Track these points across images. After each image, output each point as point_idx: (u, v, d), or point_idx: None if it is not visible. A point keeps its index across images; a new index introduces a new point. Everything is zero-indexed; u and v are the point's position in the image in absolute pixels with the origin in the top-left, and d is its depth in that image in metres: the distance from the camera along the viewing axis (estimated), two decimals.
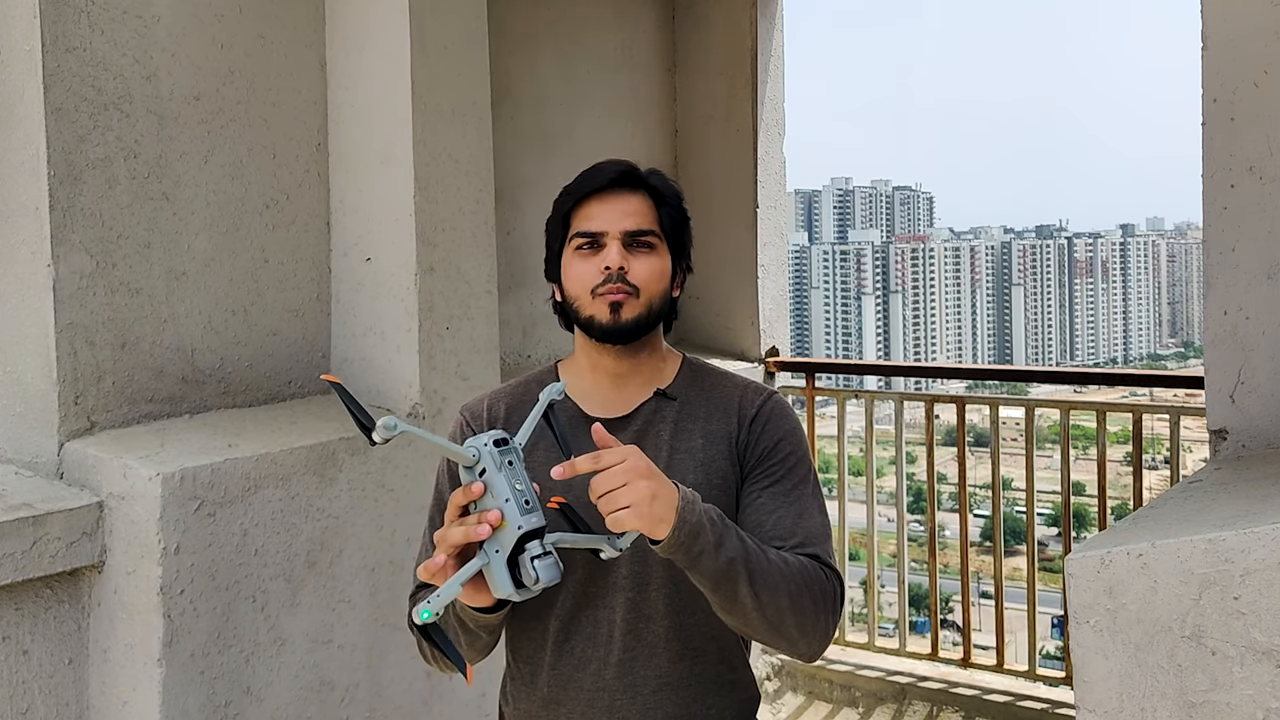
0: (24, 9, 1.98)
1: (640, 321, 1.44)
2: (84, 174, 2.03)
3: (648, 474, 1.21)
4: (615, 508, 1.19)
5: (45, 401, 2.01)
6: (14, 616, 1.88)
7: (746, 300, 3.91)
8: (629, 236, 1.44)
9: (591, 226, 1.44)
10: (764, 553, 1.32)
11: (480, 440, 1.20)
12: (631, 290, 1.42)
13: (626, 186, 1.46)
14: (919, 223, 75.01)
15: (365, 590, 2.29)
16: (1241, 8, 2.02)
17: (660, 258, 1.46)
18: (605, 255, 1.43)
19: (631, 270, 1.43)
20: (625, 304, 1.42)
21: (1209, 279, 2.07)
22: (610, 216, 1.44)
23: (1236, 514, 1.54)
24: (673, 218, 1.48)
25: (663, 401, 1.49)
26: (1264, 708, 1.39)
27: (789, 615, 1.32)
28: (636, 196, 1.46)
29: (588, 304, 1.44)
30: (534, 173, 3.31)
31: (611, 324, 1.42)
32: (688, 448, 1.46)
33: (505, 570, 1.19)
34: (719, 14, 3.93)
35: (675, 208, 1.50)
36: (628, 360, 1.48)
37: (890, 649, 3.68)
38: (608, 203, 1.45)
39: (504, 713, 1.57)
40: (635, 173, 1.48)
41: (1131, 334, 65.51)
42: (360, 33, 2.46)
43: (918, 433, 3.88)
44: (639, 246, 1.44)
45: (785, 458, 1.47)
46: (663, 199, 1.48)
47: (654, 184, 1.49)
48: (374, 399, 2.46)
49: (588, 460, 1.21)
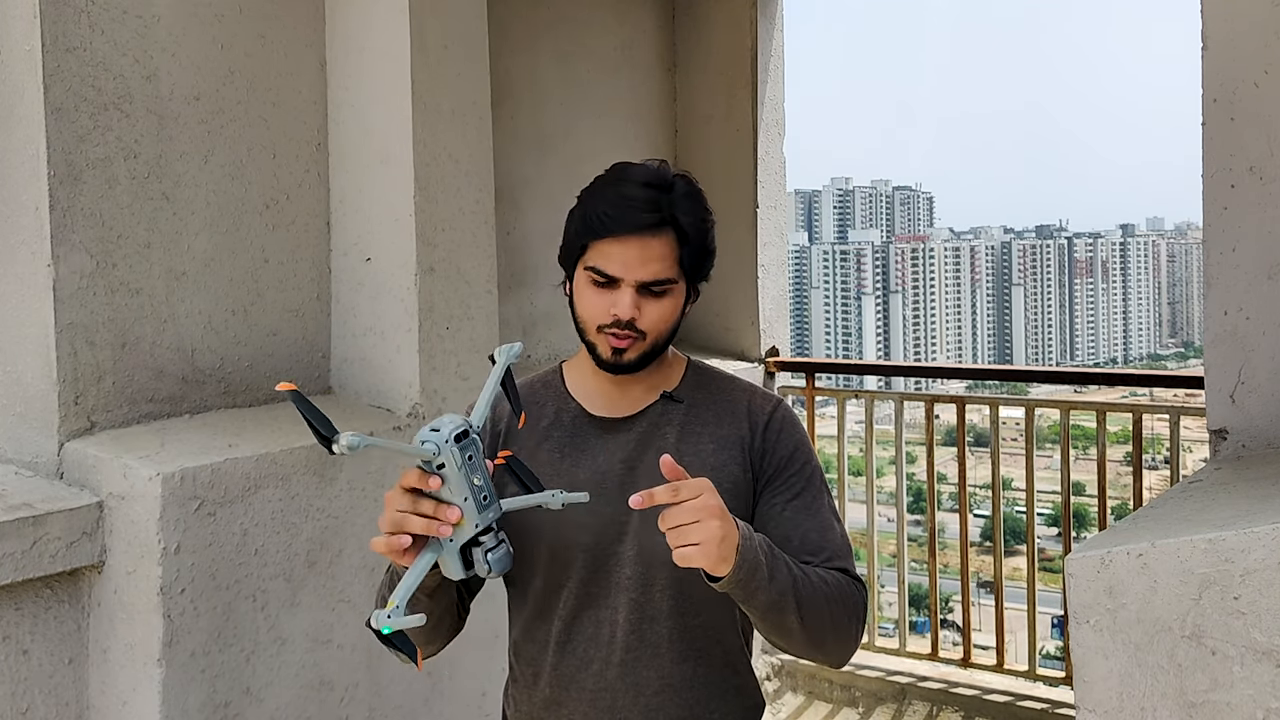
0: (24, 9, 1.98)
1: (644, 359, 1.44)
2: (84, 174, 2.03)
3: (719, 514, 1.22)
4: (685, 543, 1.20)
5: (45, 401, 2.01)
6: (14, 616, 1.88)
7: (746, 300, 3.91)
8: (644, 286, 1.40)
9: (608, 269, 1.39)
10: (808, 577, 1.34)
11: (441, 436, 1.19)
12: (639, 336, 1.41)
13: (651, 230, 1.38)
14: (919, 223, 75.02)
15: (365, 590, 2.29)
16: (1241, 8, 2.02)
17: (673, 299, 1.43)
18: (616, 301, 1.39)
19: (641, 318, 1.40)
20: (629, 348, 1.41)
21: (1209, 279, 2.07)
22: (628, 263, 1.38)
23: (1236, 514, 1.54)
24: (694, 256, 1.42)
25: (669, 404, 1.49)
26: (1264, 708, 1.39)
27: (830, 633, 1.36)
28: (659, 240, 1.39)
29: (592, 335, 1.43)
30: (534, 173, 3.31)
31: (613, 363, 1.43)
32: (696, 451, 1.46)
33: (458, 558, 1.22)
34: (719, 14, 3.92)
35: (698, 246, 1.42)
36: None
37: (890, 649, 3.68)
38: (628, 246, 1.38)
39: (506, 714, 1.56)
40: (661, 210, 1.39)
41: (1131, 334, 65.52)
42: (360, 33, 2.46)
43: (918, 433, 3.88)
44: (653, 294, 1.41)
45: (802, 468, 1.48)
46: (687, 238, 1.41)
47: (683, 226, 1.41)
48: (374, 399, 2.46)
49: (666, 492, 1.20)
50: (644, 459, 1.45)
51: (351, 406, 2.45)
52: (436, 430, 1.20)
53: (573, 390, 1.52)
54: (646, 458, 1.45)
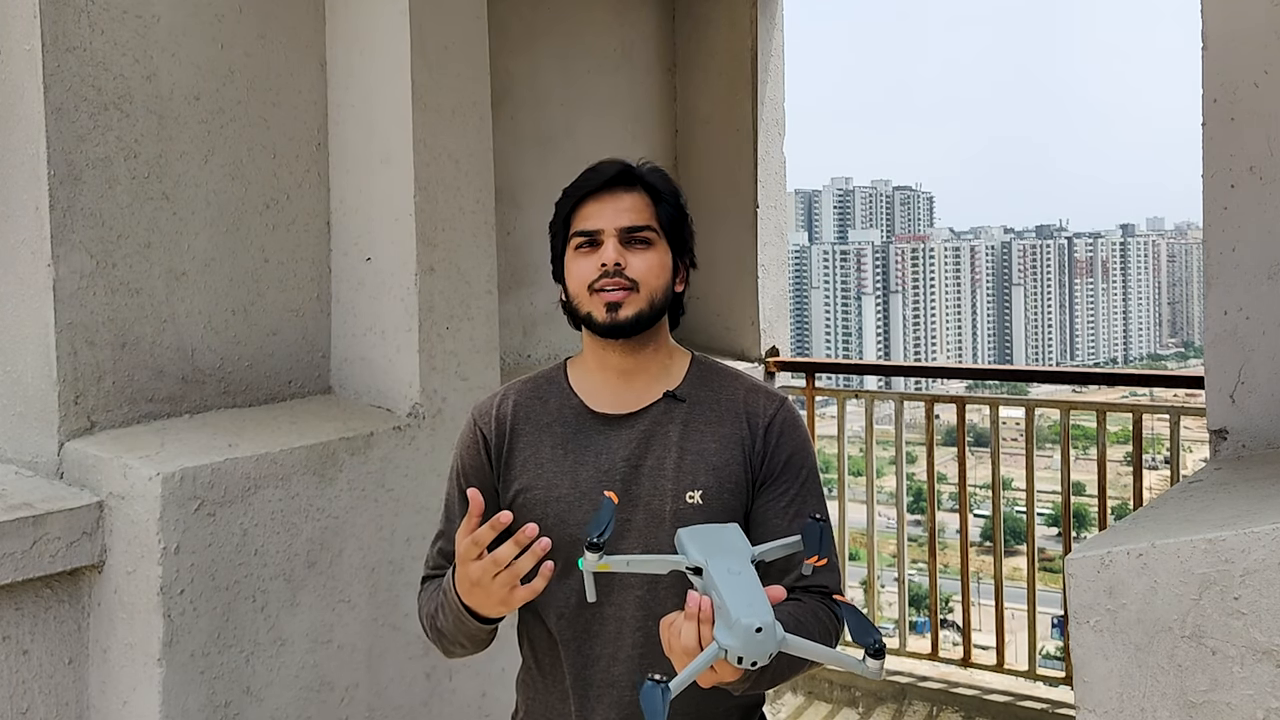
0: (24, 9, 1.97)
1: (641, 316, 1.45)
2: (84, 174, 2.03)
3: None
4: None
5: (45, 401, 2.01)
6: (14, 616, 1.88)
7: (746, 300, 3.91)
8: (625, 233, 1.45)
9: (589, 225, 1.47)
10: (799, 633, 1.33)
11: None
12: (630, 285, 1.44)
13: (622, 185, 1.48)
14: (919, 223, 75.01)
15: (365, 590, 2.29)
16: (1241, 8, 2.02)
17: (659, 252, 1.48)
18: (602, 252, 1.45)
19: (629, 265, 1.44)
20: (624, 301, 1.43)
21: (1209, 279, 2.07)
22: (606, 214, 1.46)
23: (1236, 514, 1.54)
24: (670, 213, 1.50)
25: (671, 403, 1.49)
26: (1264, 708, 1.39)
27: (805, 670, 1.46)
28: (632, 194, 1.48)
29: (586, 301, 1.45)
30: (534, 173, 3.31)
31: (609, 322, 1.44)
32: (699, 450, 1.47)
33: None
34: (719, 14, 3.92)
35: (672, 204, 1.51)
36: (633, 357, 1.49)
37: (890, 649, 3.68)
38: (604, 202, 1.47)
39: (519, 706, 1.58)
40: (631, 171, 1.50)
41: (1131, 334, 65.52)
42: (360, 33, 2.46)
43: (918, 433, 3.88)
44: (636, 243, 1.46)
45: (797, 473, 1.49)
46: (659, 195, 1.50)
47: (650, 181, 1.50)
48: (374, 399, 2.46)
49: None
50: (647, 457, 1.46)
51: (351, 406, 2.45)
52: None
53: (576, 386, 1.52)
54: (649, 455, 1.46)
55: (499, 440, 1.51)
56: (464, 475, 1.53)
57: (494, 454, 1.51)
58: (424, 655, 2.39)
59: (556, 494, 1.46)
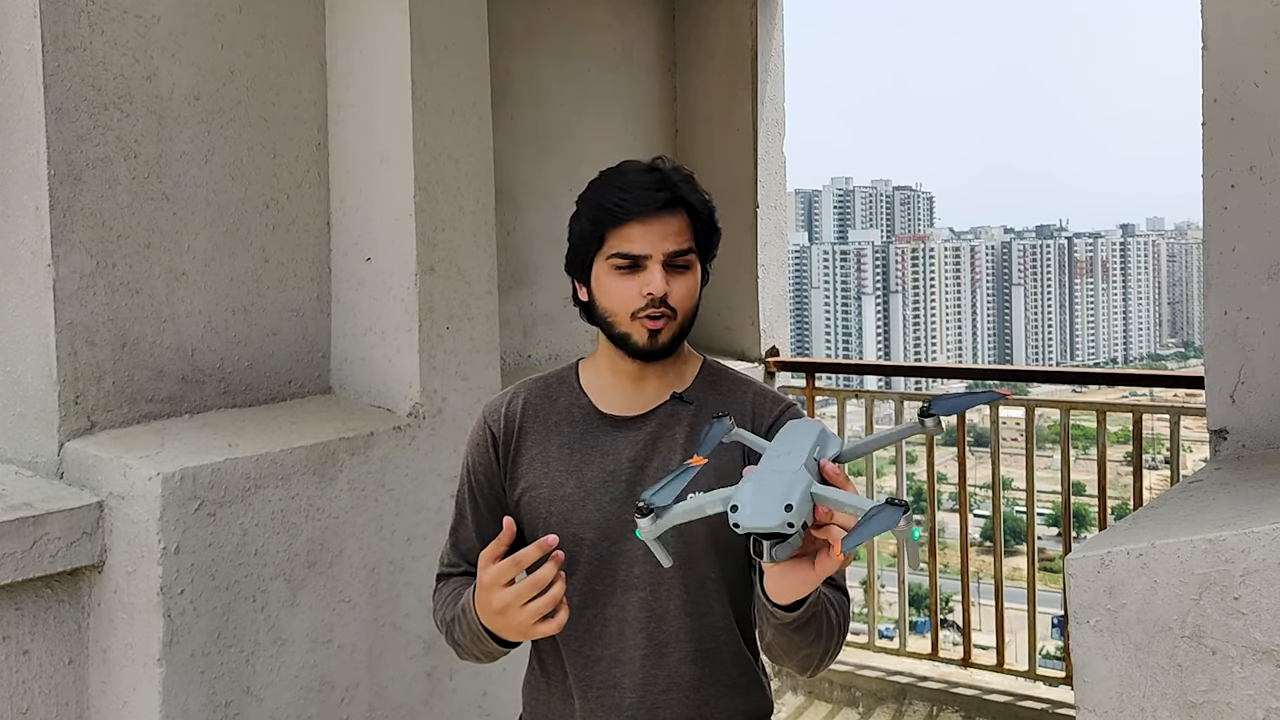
0: (24, 9, 1.98)
1: (675, 341, 1.46)
2: (84, 174, 2.03)
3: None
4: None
5: (45, 401, 2.01)
6: (14, 616, 1.88)
7: (746, 300, 3.91)
8: (670, 258, 1.43)
9: (634, 249, 1.42)
10: (827, 614, 1.35)
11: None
12: (670, 313, 1.43)
13: (667, 208, 1.43)
14: (919, 223, 75.04)
15: (365, 590, 2.29)
16: (1241, 8, 2.02)
17: (694, 276, 1.46)
18: (648, 280, 1.42)
19: (671, 293, 1.42)
20: (664, 329, 1.43)
21: (1209, 279, 2.07)
22: (653, 239, 1.42)
23: (1236, 514, 1.54)
24: (706, 231, 1.48)
25: (679, 405, 1.50)
26: (1264, 708, 1.39)
27: (823, 658, 1.38)
28: (675, 218, 1.44)
29: (625, 323, 1.44)
30: (534, 173, 3.31)
31: (649, 347, 1.43)
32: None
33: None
34: (719, 14, 3.92)
35: (708, 222, 1.48)
36: (652, 365, 1.49)
37: (890, 649, 3.68)
38: (650, 226, 1.42)
39: (524, 709, 1.59)
40: (677, 194, 1.45)
41: (1131, 334, 65.55)
42: (360, 33, 2.46)
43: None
44: (677, 268, 1.44)
45: None
46: (697, 214, 1.47)
47: (692, 202, 1.46)
48: (374, 399, 2.46)
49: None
50: (653, 459, 1.46)
51: (351, 406, 2.45)
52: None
53: (586, 387, 1.53)
54: (655, 458, 1.46)
55: (507, 438, 1.52)
56: (473, 473, 1.54)
57: (501, 452, 1.52)
58: (424, 655, 2.40)
59: (561, 493, 1.46)
